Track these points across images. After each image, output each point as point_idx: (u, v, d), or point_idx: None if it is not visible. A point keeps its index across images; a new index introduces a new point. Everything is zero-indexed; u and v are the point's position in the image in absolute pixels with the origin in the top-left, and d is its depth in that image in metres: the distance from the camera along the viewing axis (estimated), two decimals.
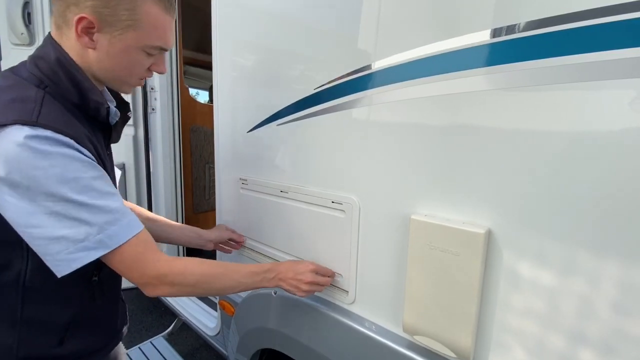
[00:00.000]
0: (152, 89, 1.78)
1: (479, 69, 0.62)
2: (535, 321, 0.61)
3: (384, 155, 0.79)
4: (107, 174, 0.65)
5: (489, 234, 0.64)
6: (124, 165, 1.87)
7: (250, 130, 1.12)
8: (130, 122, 1.81)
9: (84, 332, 0.74)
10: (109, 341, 0.81)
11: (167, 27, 0.70)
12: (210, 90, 3.63)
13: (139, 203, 1.91)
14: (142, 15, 0.65)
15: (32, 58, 0.66)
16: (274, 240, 1.11)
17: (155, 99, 1.78)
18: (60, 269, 0.59)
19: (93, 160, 0.63)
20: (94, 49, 0.66)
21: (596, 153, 0.52)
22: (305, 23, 0.92)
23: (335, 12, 0.84)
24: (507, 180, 0.61)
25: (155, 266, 0.67)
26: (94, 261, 0.63)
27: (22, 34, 1.99)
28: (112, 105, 0.76)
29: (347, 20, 0.82)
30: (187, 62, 3.02)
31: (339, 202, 0.89)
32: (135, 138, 1.84)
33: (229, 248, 1.20)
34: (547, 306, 0.59)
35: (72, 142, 0.59)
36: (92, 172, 0.61)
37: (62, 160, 0.57)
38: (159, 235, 1.03)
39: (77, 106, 0.67)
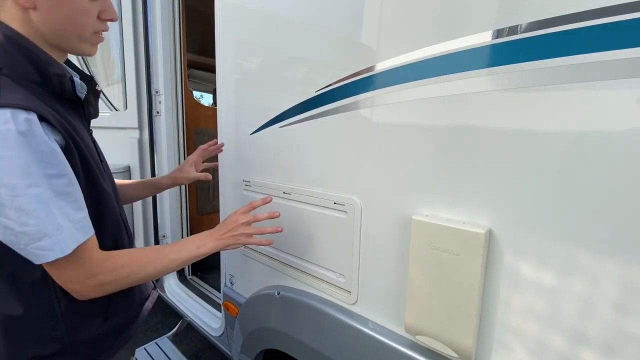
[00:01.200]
0: (156, 92, 1.81)
1: (478, 70, 0.63)
2: (537, 321, 0.61)
3: (385, 156, 0.79)
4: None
5: (490, 234, 0.64)
6: (129, 167, 1.89)
7: (253, 133, 1.13)
8: (135, 125, 1.84)
9: (124, 305, 0.77)
10: (140, 308, 0.84)
11: None
12: (214, 93, 3.67)
13: (143, 206, 1.93)
14: None
15: None
16: (277, 241, 1.11)
17: (160, 102, 1.81)
18: (34, 260, 0.58)
19: (51, 140, 0.58)
20: (34, 8, 0.61)
21: (597, 153, 0.52)
22: (307, 26, 0.93)
23: (336, 14, 0.85)
24: (508, 181, 0.62)
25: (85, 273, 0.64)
26: (106, 236, 0.69)
27: None
28: (77, 79, 0.72)
29: (348, 23, 0.83)
30: (191, 65, 3.05)
31: (341, 203, 0.89)
32: (140, 141, 1.86)
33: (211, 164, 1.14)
34: (548, 306, 0.59)
35: (35, 116, 0.55)
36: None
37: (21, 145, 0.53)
38: (126, 197, 1.02)
39: (40, 84, 0.63)
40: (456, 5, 0.65)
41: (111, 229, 0.74)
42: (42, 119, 0.57)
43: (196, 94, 4.33)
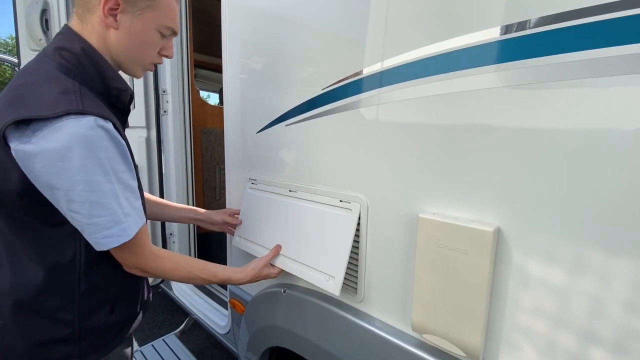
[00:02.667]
0: (164, 91, 1.82)
1: (486, 66, 0.62)
2: (546, 320, 0.60)
3: (391, 154, 0.79)
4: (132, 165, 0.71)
5: (498, 232, 0.63)
6: (136, 166, 1.91)
7: (260, 131, 1.13)
8: (143, 124, 1.85)
9: (128, 302, 0.83)
10: (141, 308, 0.88)
11: (177, 12, 0.78)
12: (220, 92, 3.69)
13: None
14: None
15: (56, 50, 0.68)
16: (283, 238, 1.12)
17: (167, 101, 1.82)
18: (98, 247, 0.66)
19: (122, 141, 0.68)
20: (117, 29, 0.70)
21: (608, 151, 0.51)
22: (313, 25, 0.93)
23: (342, 13, 0.85)
24: (516, 179, 0.61)
25: (147, 260, 0.75)
26: None
27: (40, 40, 2.06)
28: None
29: (355, 21, 0.82)
30: (198, 65, 3.07)
31: (347, 201, 0.89)
32: (147, 140, 1.88)
33: (231, 229, 1.25)
34: (558, 305, 0.58)
35: (110, 122, 0.65)
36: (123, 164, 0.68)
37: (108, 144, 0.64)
38: (157, 214, 1.12)
39: (101, 93, 0.71)
40: (462, 3, 0.64)
41: None
42: (114, 126, 0.66)
43: (203, 94, 4.36)
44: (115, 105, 0.75)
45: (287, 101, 1.01)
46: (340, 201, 0.91)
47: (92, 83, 0.69)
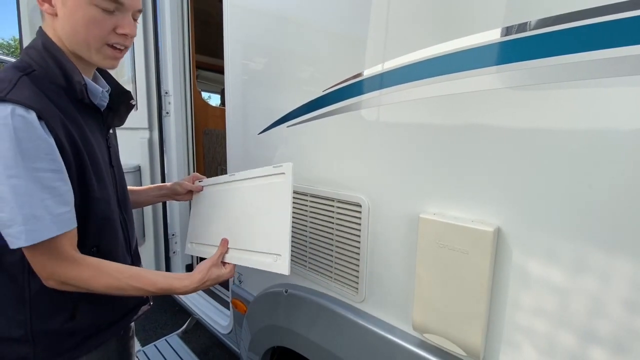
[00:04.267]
0: (166, 92, 1.83)
1: (486, 68, 0.63)
2: (546, 320, 0.60)
3: (392, 155, 0.80)
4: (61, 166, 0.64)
5: (498, 232, 0.64)
6: (139, 167, 1.92)
7: (261, 132, 1.14)
8: (145, 125, 1.87)
9: (94, 307, 0.76)
10: (119, 318, 0.83)
11: None
12: (222, 93, 3.70)
13: (153, 205, 1.95)
14: None
15: (25, 48, 0.70)
16: (230, 231, 1.12)
17: (169, 102, 1.83)
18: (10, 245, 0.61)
19: (49, 137, 0.62)
20: (56, 15, 0.67)
21: (608, 150, 0.52)
22: (314, 27, 0.94)
23: (343, 15, 0.86)
24: (516, 179, 0.61)
25: (64, 268, 0.66)
26: (90, 232, 0.71)
27: None
28: (103, 90, 0.77)
29: (356, 23, 0.83)
30: (200, 66, 3.08)
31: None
32: (150, 141, 1.89)
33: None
34: (558, 304, 0.59)
35: (35, 114, 0.60)
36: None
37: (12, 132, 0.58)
38: (132, 203, 1.00)
39: (65, 89, 0.69)
40: (463, 5, 0.65)
41: (96, 227, 0.74)
42: (41, 117, 0.61)
43: (204, 95, 4.37)
44: (82, 101, 0.72)
45: (289, 102, 1.02)
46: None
47: (55, 77, 0.68)
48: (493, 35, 0.61)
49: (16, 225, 0.60)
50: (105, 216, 0.76)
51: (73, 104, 0.70)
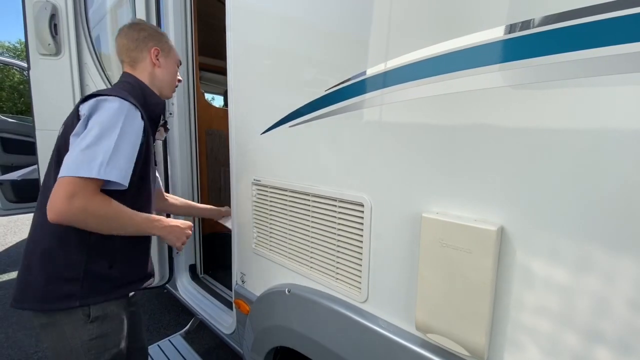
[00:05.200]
0: None
1: (488, 66, 0.62)
2: (550, 319, 0.60)
3: (395, 154, 0.80)
4: (135, 141, 0.96)
5: (502, 231, 0.64)
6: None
7: (264, 132, 1.14)
8: None
9: (125, 264, 1.05)
10: (141, 278, 1.12)
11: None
12: (225, 94, 3.71)
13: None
14: (170, 44, 1.23)
15: (121, 83, 1.11)
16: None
17: (173, 103, 1.84)
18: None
19: (143, 130, 0.99)
20: (160, 67, 1.18)
21: (612, 149, 0.51)
22: (315, 26, 0.94)
23: (345, 14, 0.86)
24: (519, 178, 0.61)
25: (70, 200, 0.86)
26: (140, 201, 1.05)
27: (49, 44, 2.10)
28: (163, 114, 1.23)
29: (357, 22, 0.83)
30: (203, 67, 3.09)
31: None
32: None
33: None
34: (562, 304, 0.58)
35: (139, 112, 0.99)
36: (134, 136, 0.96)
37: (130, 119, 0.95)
38: (187, 212, 1.59)
39: (144, 107, 1.07)
40: (464, 3, 0.65)
41: (143, 200, 1.06)
42: (142, 118, 0.99)
43: (208, 96, 4.39)
44: (150, 117, 1.11)
45: (290, 102, 1.02)
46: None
47: (138, 98, 1.06)
48: (494, 34, 0.61)
49: (98, 160, 0.86)
50: (148, 192, 1.10)
51: (149, 120, 1.07)
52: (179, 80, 1.26)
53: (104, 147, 0.87)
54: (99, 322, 0.99)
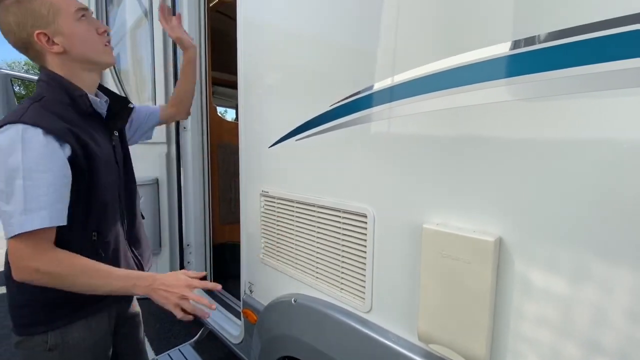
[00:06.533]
0: None
1: (485, 82, 0.65)
2: (551, 330, 0.60)
3: (397, 166, 0.82)
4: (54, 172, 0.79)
5: (500, 242, 0.65)
6: (157, 179, 2.00)
7: (272, 146, 1.18)
8: (164, 139, 1.95)
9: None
10: (103, 297, 0.94)
11: None
12: (237, 108, 3.81)
13: (170, 215, 2.02)
14: (52, 2, 0.85)
15: (38, 86, 0.90)
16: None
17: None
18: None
19: (62, 146, 0.81)
20: (64, 51, 0.87)
21: (608, 161, 0.53)
22: (321, 43, 0.99)
23: (348, 31, 0.90)
24: (518, 189, 0.62)
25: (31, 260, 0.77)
26: (92, 215, 0.89)
27: None
28: (102, 100, 0.98)
29: (361, 40, 0.87)
30: (217, 82, 3.20)
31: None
32: (168, 155, 1.97)
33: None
34: (562, 315, 0.59)
35: (41, 131, 0.78)
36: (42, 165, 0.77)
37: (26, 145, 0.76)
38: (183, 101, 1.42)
39: (71, 105, 0.88)
40: (468, 20, 0.68)
41: (97, 212, 0.91)
42: (48, 133, 0.78)
43: (221, 110, 4.50)
44: (86, 112, 0.91)
45: (297, 117, 1.06)
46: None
47: (61, 98, 0.87)
48: (491, 51, 0.63)
49: (16, 216, 0.74)
50: (105, 201, 0.92)
51: (80, 115, 0.89)
52: (103, 33, 0.93)
53: (15, 198, 0.74)
54: (59, 351, 0.88)
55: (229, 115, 5.21)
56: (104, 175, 0.91)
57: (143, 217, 1.17)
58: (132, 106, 1.08)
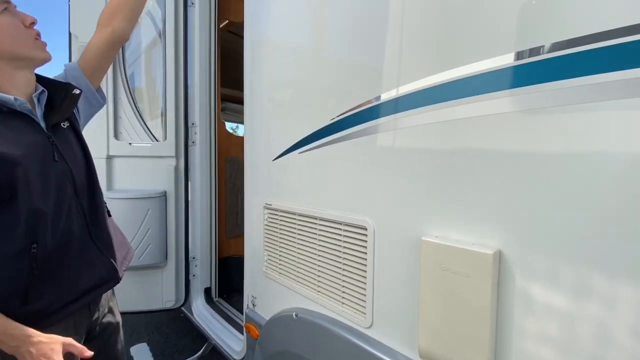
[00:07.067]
0: (192, 124, 1.98)
1: (484, 94, 0.65)
2: (553, 345, 0.58)
3: (396, 179, 0.82)
4: None
5: (499, 255, 0.63)
6: (165, 192, 2.04)
7: (276, 159, 1.20)
8: (173, 153, 2.00)
9: (46, 294, 0.82)
10: (75, 299, 0.88)
11: None
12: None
13: (177, 228, 2.04)
14: None
15: None
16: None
17: (196, 132, 1.97)
18: None
19: None
20: None
21: (608, 174, 0.52)
22: (322, 59, 1.02)
23: (347, 48, 0.93)
24: (517, 202, 0.62)
25: None
26: (24, 225, 0.78)
27: None
28: (33, 95, 0.86)
29: (359, 57, 0.89)
30: (228, 99, 3.29)
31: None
32: (176, 168, 2.02)
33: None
34: (564, 330, 0.57)
35: None
36: None
37: None
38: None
39: None
40: (467, 33, 0.69)
41: (31, 221, 0.80)
42: None
43: (232, 125, 4.60)
44: (1, 112, 0.80)
45: (299, 130, 1.08)
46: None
47: None
48: (486, 65, 0.64)
49: None
50: (38, 209, 0.80)
51: (10, 115, 0.79)
52: (31, 26, 0.84)
53: None
54: None
55: (240, 130, 5.31)
56: (37, 181, 0.80)
57: (109, 214, 1.04)
58: (77, 92, 0.92)
